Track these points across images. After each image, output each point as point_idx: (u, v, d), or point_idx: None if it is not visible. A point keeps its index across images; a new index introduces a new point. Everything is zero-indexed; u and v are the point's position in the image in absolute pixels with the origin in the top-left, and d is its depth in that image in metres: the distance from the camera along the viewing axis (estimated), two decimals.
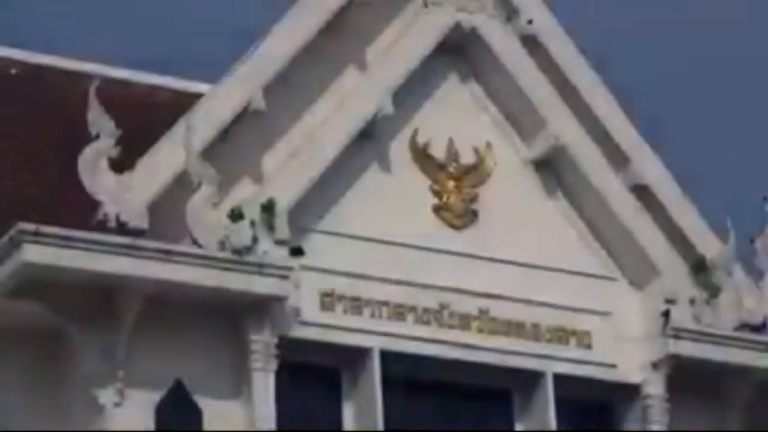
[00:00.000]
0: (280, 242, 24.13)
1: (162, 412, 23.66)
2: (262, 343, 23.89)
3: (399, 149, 26.22)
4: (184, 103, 27.12)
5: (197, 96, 27.63)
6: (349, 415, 25.35)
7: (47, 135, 27.93)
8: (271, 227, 24.41)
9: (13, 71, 31.89)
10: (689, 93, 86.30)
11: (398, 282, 25.32)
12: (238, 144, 25.42)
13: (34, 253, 21.87)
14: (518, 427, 26.92)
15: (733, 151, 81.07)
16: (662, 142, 30.40)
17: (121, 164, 24.06)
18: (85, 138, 23.90)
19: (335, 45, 26.50)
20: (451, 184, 26.51)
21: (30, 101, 29.94)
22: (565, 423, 26.58)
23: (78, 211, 24.19)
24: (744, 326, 27.60)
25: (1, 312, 23.22)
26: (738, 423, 28.30)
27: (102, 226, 23.21)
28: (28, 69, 32.58)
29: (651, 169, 28.17)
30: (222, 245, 23.63)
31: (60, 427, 24.72)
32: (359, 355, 24.92)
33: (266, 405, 23.87)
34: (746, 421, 28.17)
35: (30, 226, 21.47)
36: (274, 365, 24.01)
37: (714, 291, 27.42)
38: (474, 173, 26.60)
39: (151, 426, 23.64)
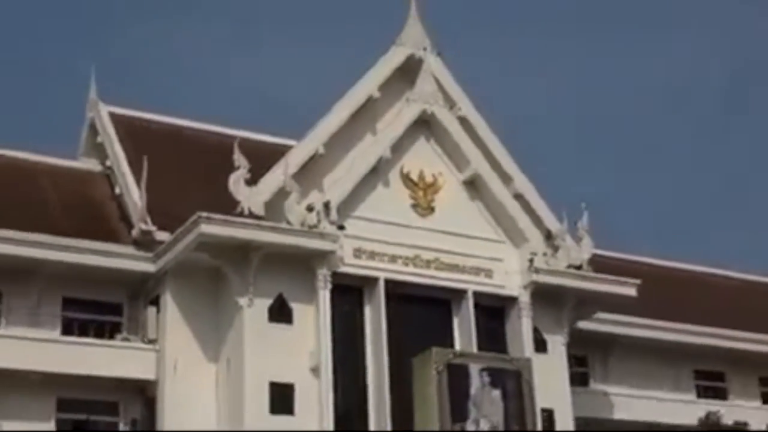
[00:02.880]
0: (332, 223, 26.22)
1: (272, 311, 25.73)
2: (322, 274, 26.22)
3: (394, 175, 28.42)
4: (277, 150, 28.90)
5: (280, 146, 29.77)
6: (368, 313, 27.32)
7: (208, 171, 28.15)
8: (327, 214, 26.26)
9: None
10: (562, 136, 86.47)
11: (393, 243, 27.54)
12: (311, 172, 27.18)
13: (205, 229, 24.42)
14: (455, 321, 28.31)
15: (576, 175, 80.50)
16: (534, 170, 30.95)
17: (250, 181, 25.90)
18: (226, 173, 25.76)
19: (360, 121, 28.42)
20: (420, 193, 28.66)
21: (196, 153, 30.77)
22: (478, 318, 27.94)
23: (227, 206, 25.30)
24: (570, 266, 29.30)
25: (192, 258, 25.57)
26: (568, 320, 29.90)
27: (240, 214, 25.35)
28: (197, 131, 33.01)
29: (523, 184, 29.96)
30: (302, 224, 25.91)
31: (219, 313, 26.57)
32: (373, 281, 27.28)
33: (325, 307, 25.87)
34: (572, 316, 30.05)
35: (203, 214, 24.19)
36: (329, 286, 26.29)
37: (555, 249, 29.48)
38: (432, 187, 28.77)
39: (266, 317, 25.40)
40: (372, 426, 25.61)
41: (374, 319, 26.72)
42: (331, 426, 24.56)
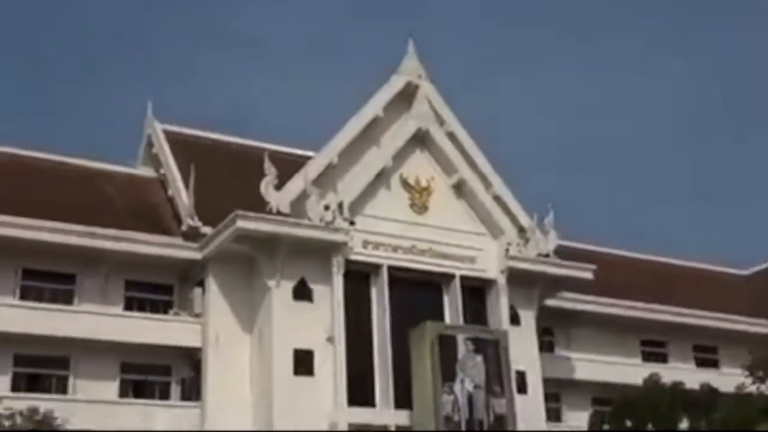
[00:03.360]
0: (344, 219, 26.22)
1: (295, 291, 25.62)
2: (336, 262, 26.13)
3: (395, 180, 28.26)
4: (300, 160, 28.38)
5: (302, 156, 29.36)
6: (373, 294, 27.08)
7: (243, 177, 27.55)
8: (341, 212, 26.22)
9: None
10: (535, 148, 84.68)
11: (395, 236, 27.36)
12: (327, 178, 27.11)
13: (241, 224, 24.42)
14: (445, 300, 28.00)
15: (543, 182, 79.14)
16: (510, 174, 30.76)
17: (277, 186, 25.80)
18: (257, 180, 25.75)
19: (367, 136, 28.33)
20: (416, 195, 28.47)
21: (234, 162, 30.38)
22: (464, 297, 27.75)
23: (259, 206, 25.28)
24: (539, 254, 29.21)
25: (230, 248, 25.34)
26: (537, 298, 29.72)
27: (270, 212, 25.36)
28: (234, 144, 32.67)
29: (500, 187, 29.83)
30: (320, 220, 25.87)
31: (253, 293, 26.28)
32: (378, 267, 27.15)
33: (338, 289, 25.83)
34: (540, 295, 29.89)
35: (239, 212, 24.24)
36: (342, 271, 26.18)
37: (527, 240, 29.45)
38: (426, 190, 28.61)
39: (291, 296, 25.23)
40: (377, 384, 25.56)
41: (379, 299, 26.75)
42: (344, 384, 24.60)
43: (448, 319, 27.33)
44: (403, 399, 25.45)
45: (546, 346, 31.04)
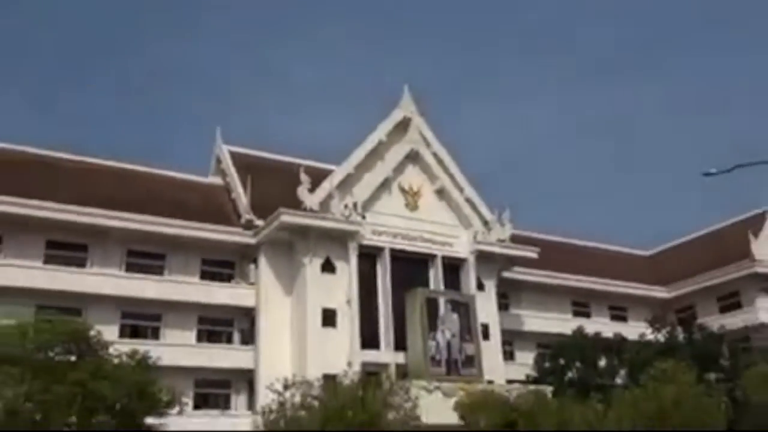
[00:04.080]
0: (358, 214, 26.38)
1: (323, 266, 25.28)
2: (352, 246, 26.19)
3: (394, 186, 28.18)
4: (324, 172, 27.95)
5: (328, 169, 28.44)
6: (378, 269, 26.88)
7: (285, 184, 27.20)
8: (356, 209, 26.35)
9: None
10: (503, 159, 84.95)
11: (394, 227, 27.33)
12: (346, 184, 26.74)
13: (284, 218, 24.68)
14: (431, 273, 27.78)
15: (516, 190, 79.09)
16: (481, 184, 30.61)
17: (310, 190, 25.86)
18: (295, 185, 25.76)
19: (375, 154, 28.22)
20: (410, 197, 28.43)
21: (279, 173, 29.63)
22: (444, 271, 27.60)
23: (297, 205, 25.39)
24: (498, 240, 29.31)
25: (276, 235, 25.35)
26: (497, 272, 29.49)
27: (304, 210, 25.28)
28: (279, 161, 31.60)
29: (470, 192, 29.65)
30: (341, 215, 25.88)
31: (292, 268, 25.84)
32: (382, 249, 27.08)
33: (353, 265, 25.81)
34: (499, 269, 29.70)
35: (283, 209, 24.51)
36: (356, 253, 26.20)
37: (489, 230, 29.50)
38: (417, 194, 28.57)
39: (319, 270, 25.03)
40: (381, 333, 25.60)
41: (382, 272, 26.82)
42: (357, 333, 24.74)
43: (432, 287, 27.39)
44: (400, 344, 25.65)
45: (503, 306, 31.08)
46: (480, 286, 28.51)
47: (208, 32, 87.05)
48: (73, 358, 10.77)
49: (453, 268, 28.38)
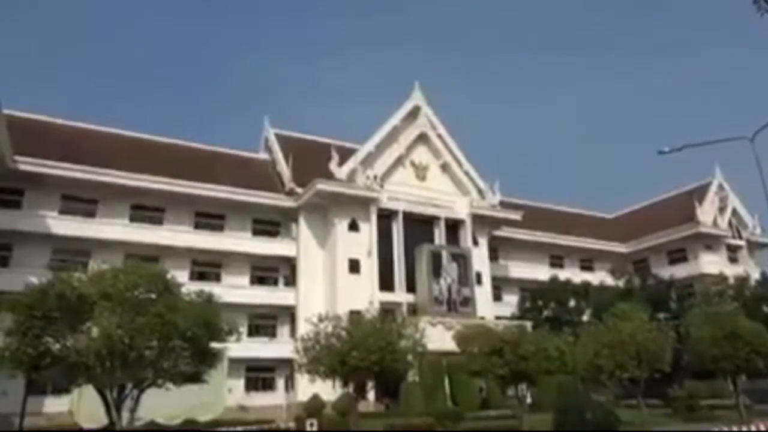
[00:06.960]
0: (378, 184, 26.10)
1: (350, 226, 25.18)
2: (373, 209, 25.73)
3: (407, 162, 27.76)
4: (351, 150, 27.48)
5: (353, 148, 27.90)
6: (394, 228, 26.53)
7: (320, 160, 26.86)
8: (376, 180, 26.10)
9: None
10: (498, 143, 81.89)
11: (406, 194, 26.92)
12: (368, 160, 26.58)
13: (319, 186, 24.40)
14: (435, 231, 27.44)
15: (504, 164, 76.55)
16: (476, 160, 29.80)
17: (339, 164, 25.53)
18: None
19: (391, 136, 27.62)
20: (419, 171, 28.01)
21: (315, 151, 28.74)
22: (446, 230, 27.21)
23: (329, 176, 24.88)
24: (490, 205, 28.78)
25: (313, 200, 24.83)
26: (488, 230, 28.91)
27: (334, 180, 24.71)
28: (315, 141, 30.82)
29: (468, 166, 28.91)
30: (364, 185, 25.42)
31: (326, 226, 25.50)
32: (397, 213, 26.67)
33: (373, 224, 25.49)
34: (490, 229, 29.20)
35: (318, 180, 24.30)
36: (376, 215, 25.95)
37: (483, 197, 28.73)
38: (425, 168, 28.14)
39: (347, 229, 24.66)
40: (396, 279, 25.46)
41: (397, 230, 26.57)
42: (376, 279, 24.71)
43: (436, 242, 27.22)
44: (410, 287, 25.62)
45: (493, 258, 30.93)
46: (475, 242, 28.34)
47: (267, 47, 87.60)
48: (153, 296, 11.02)
49: (453, 227, 28.21)
